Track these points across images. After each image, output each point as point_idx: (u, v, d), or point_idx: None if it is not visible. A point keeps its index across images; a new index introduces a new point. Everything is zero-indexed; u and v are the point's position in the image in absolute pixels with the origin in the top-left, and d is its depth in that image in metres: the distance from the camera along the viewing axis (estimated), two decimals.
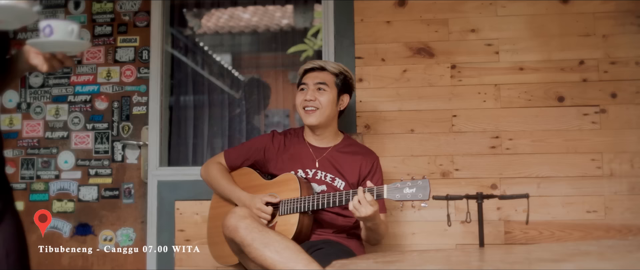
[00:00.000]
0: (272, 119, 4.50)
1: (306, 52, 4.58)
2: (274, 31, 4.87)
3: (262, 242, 1.98)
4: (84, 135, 3.28)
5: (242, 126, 3.72)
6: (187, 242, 3.06)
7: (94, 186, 3.24)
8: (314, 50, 4.59)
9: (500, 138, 2.91)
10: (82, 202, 3.24)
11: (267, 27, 4.97)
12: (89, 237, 3.21)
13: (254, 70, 4.40)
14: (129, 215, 3.21)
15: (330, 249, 2.18)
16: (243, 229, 2.03)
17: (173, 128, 3.46)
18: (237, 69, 4.42)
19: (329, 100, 2.42)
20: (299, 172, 2.41)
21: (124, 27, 3.32)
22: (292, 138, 2.53)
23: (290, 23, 5.02)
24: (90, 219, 3.22)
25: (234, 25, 5.10)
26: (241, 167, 2.55)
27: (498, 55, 2.95)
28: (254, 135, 3.69)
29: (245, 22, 5.11)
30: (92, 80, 3.31)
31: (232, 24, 5.13)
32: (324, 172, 2.41)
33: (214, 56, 4.53)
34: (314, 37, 4.70)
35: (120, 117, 3.28)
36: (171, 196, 3.11)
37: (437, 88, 2.97)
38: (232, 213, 2.11)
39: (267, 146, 2.50)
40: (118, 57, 3.31)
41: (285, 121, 4.62)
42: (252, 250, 1.99)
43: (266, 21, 5.04)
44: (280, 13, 5.07)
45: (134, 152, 3.24)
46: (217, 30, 5.05)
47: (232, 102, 3.86)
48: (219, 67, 4.47)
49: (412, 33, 3.00)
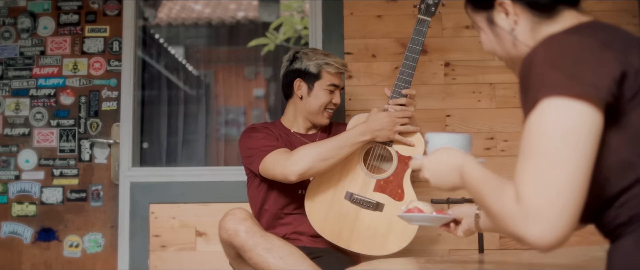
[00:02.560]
0: (226, 116, 4.33)
1: (268, 47, 4.44)
2: (230, 24, 4.68)
3: (265, 248, 1.88)
4: (48, 132, 3.03)
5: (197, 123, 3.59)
6: (163, 249, 2.86)
7: (59, 188, 2.99)
8: (275, 44, 4.45)
9: (495, 139, 2.81)
10: (45, 205, 2.98)
11: (222, 19, 4.77)
12: (53, 243, 2.95)
13: (208, 65, 4.25)
14: (97, 219, 2.97)
15: (330, 258, 2.10)
16: (244, 232, 1.90)
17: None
18: (191, 64, 4.25)
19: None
20: None
21: (93, 16, 3.08)
22: (274, 131, 2.34)
23: (247, 16, 4.84)
24: (54, 223, 2.97)
25: (186, 17, 4.90)
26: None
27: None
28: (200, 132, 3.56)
29: (197, 14, 4.90)
30: (57, 72, 3.05)
31: (185, 16, 4.93)
32: None
33: (168, 49, 4.33)
34: (276, 31, 4.55)
35: (88, 113, 3.04)
36: (145, 199, 2.89)
37: (430, 86, 2.85)
38: (231, 215, 1.96)
39: (273, 135, 2.31)
40: (86, 48, 3.06)
41: (240, 119, 4.46)
42: (254, 255, 1.88)
43: (220, 13, 4.83)
44: (235, 5, 4.88)
45: (103, 151, 3.01)
46: (170, 22, 4.84)
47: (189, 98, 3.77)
48: (173, 60, 4.29)
49: (404, 28, 2.87)
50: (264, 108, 4.55)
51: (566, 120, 0.94)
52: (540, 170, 0.94)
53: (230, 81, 4.23)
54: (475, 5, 1.25)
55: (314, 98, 2.31)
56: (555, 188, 0.92)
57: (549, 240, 0.92)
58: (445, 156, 1.22)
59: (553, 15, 1.15)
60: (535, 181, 0.94)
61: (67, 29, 3.07)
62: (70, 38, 3.07)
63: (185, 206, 2.87)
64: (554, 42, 1.03)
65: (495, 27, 1.20)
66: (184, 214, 2.87)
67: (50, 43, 3.07)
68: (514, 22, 1.17)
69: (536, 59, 1.01)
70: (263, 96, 4.58)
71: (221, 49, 4.37)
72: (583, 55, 0.99)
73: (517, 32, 1.17)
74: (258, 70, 4.47)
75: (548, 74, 0.98)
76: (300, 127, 2.41)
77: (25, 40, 3.06)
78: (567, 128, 0.94)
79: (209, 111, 3.98)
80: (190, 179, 2.92)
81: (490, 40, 1.24)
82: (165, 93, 3.72)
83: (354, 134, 2.11)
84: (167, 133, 3.67)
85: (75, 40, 3.06)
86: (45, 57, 3.06)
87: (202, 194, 2.88)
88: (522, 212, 0.94)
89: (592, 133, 0.95)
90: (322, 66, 2.30)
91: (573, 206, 0.92)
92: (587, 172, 0.94)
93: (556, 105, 0.95)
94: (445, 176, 1.20)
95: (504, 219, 0.98)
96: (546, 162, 0.94)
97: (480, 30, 1.27)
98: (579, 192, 0.93)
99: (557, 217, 0.92)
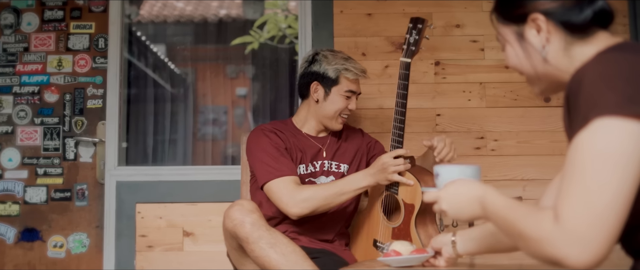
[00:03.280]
0: (207, 115, 4.29)
1: (252, 45, 4.39)
2: (212, 22, 4.63)
3: (269, 242, 1.86)
4: (31, 130, 2.97)
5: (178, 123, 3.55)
6: (150, 249, 2.81)
7: (43, 187, 2.93)
8: (259, 43, 4.41)
9: (485, 139, 2.80)
10: (28, 205, 2.92)
11: (204, 17, 4.72)
12: (37, 244, 2.89)
13: (189, 63, 4.20)
14: (82, 219, 2.92)
15: (326, 259, 2.08)
16: (249, 224, 1.88)
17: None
18: (173, 62, 4.20)
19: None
20: (309, 167, 2.27)
21: (78, 12, 3.02)
22: (285, 132, 2.30)
23: (230, 13, 4.79)
24: (38, 223, 2.91)
25: (169, 15, 4.84)
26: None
27: (483, 52, 2.84)
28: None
29: (179, 12, 4.85)
30: (41, 69, 2.99)
31: (167, 13, 4.87)
32: (330, 161, 2.31)
33: (151, 47, 4.28)
34: (260, 28, 4.51)
35: (73, 111, 2.98)
36: (132, 198, 2.84)
37: (420, 85, 2.83)
38: (239, 205, 1.94)
39: (280, 144, 2.26)
40: (71, 44, 3.00)
41: (222, 118, 4.41)
42: (257, 248, 1.86)
43: (201, 11, 4.78)
44: (218, 3, 4.83)
45: (89, 149, 2.95)
46: (152, 20, 4.78)
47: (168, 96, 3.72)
48: (155, 59, 4.24)
49: (395, 27, 2.85)
50: (246, 107, 4.50)
51: (617, 142, 0.93)
52: (585, 192, 0.94)
53: (213, 80, 4.19)
54: (505, 17, 1.21)
55: (330, 103, 2.25)
56: (598, 211, 0.92)
57: (587, 262, 0.92)
58: (464, 188, 1.22)
59: (587, 36, 1.13)
60: (579, 202, 0.94)
61: (51, 25, 3.01)
62: (54, 34, 3.01)
63: (172, 206, 2.83)
64: (605, 60, 1.01)
65: (524, 42, 1.18)
66: (171, 214, 2.83)
67: (34, 39, 3.00)
68: (546, 40, 1.14)
69: (587, 77, 0.99)
70: (246, 95, 4.53)
71: (203, 47, 4.32)
72: (636, 74, 0.97)
73: (548, 50, 1.14)
74: (241, 68, 4.43)
75: (601, 93, 0.96)
76: (311, 129, 2.35)
77: (9, 36, 3.00)
78: (617, 150, 0.93)
79: (191, 110, 3.94)
80: (177, 178, 2.87)
81: (518, 54, 1.20)
82: (146, 92, 3.68)
83: (354, 180, 2.11)
84: (146, 132, 3.63)
85: (59, 36, 3.00)
86: (29, 53, 2.99)
87: (190, 194, 2.83)
88: (562, 233, 0.94)
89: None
90: (341, 71, 2.24)
91: (613, 229, 0.93)
92: (631, 195, 0.94)
93: (609, 125, 0.94)
94: (465, 207, 1.21)
95: (540, 241, 0.97)
96: (592, 184, 0.94)
97: (506, 43, 1.22)
98: (620, 215, 0.93)
99: (597, 239, 0.92)
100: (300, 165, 2.25)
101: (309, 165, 2.27)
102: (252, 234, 1.87)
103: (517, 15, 1.18)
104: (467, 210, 1.21)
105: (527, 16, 1.16)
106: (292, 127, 2.35)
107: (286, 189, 2.08)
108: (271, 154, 2.17)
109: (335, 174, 2.30)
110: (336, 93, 2.25)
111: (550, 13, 1.13)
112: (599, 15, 1.12)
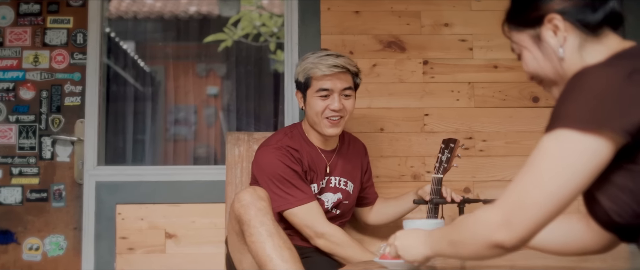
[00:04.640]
0: (177, 115, 4.21)
1: (225, 42, 4.33)
2: (183, 19, 4.53)
3: (269, 231, 1.84)
4: (6, 128, 2.86)
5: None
6: (131, 251, 2.72)
7: (18, 187, 2.83)
8: (233, 40, 4.35)
9: (473, 139, 2.77)
10: (3, 206, 2.81)
11: (174, 14, 4.62)
12: (11, 246, 2.79)
13: (159, 60, 4.12)
14: (59, 220, 2.82)
15: (318, 259, 2.08)
16: (256, 209, 1.87)
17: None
18: (142, 59, 4.11)
19: (353, 105, 2.22)
20: (320, 184, 2.24)
21: (56, 6, 2.92)
22: (300, 144, 2.22)
23: (200, 10, 4.70)
24: (12, 225, 2.81)
25: (138, 10, 4.72)
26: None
27: (472, 52, 2.81)
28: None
29: (149, 8, 4.74)
30: (17, 65, 2.88)
31: (136, 9, 4.75)
32: (336, 177, 2.27)
33: (119, 43, 4.18)
34: (234, 26, 4.45)
35: (50, 109, 2.88)
36: (112, 199, 2.75)
37: (408, 85, 2.79)
38: (252, 190, 1.92)
39: (298, 168, 2.16)
40: (48, 40, 2.90)
41: (192, 118, 4.33)
42: (255, 233, 1.84)
43: (171, 7, 4.68)
44: (190, 1, 4.73)
45: (66, 148, 2.86)
46: (121, 15, 4.66)
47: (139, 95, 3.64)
48: (124, 56, 4.14)
49: (383, 25, 2.81)
50: (217, 106, 4.41)
51: (569, 152, 1.00)
52: (526, 184, 1.03)
53: (182, 78, 4.11)
54: (520, 23, 1.21)
55: (309, 108, 2.17)
56: (528, 203, 1.02)
57: (508, 241, 1.04)
58: (415, 232, 1.36)
59: (599, 34, 1.15)
60: (517, 190, 1.04)
61: (27, 20, 2.90)
62: (30, 29, 2.90)
63: (154, 207, 2.75)
64: (584, 75, 1.05)
65: (542, 45, 1.18)
66: (152, 215, 2.74)
67: (9, 34, 2.89)
68: (563, 39, 1.15)
69: (566, 88, 1.05)
70: (217, 94, 4.44)
71: (173, 44, 4.23)
72: (610, 93, 1.00)
73: (565, 49, 1.16)
74: (211, 67, 4.35)
75: (568, 105, 1.03)
76: (315, 139, 2.26)
77: None
78: (566, 158, 1.00)
79: (159, 109, 3.87)
80: (159, 179, 2.79)
81: (537, 58, 1.20)
82: (115, 89, 3.59)
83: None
84: (116, 131, 3.55)
85: (36, 31, 2.90)
86: (4, 49, 2.88)
87: (173, 194, 2.76)
88: (496, 209, 1.06)
89: (594, 165, 1.00)
90: (309, 72, 2.15)
91: (535, 224, 1.03)
92: (565, 203, 1.02)
93: (567, 136, 1.00)
94: (412, 246, 1.32)
95: (476, 231, 1.09)
96: (534, 180, 1.03)
97: (523, 50, 1.23)
98: (548, 215, 1.02)
99: (519, 226, 1.03)
100: (319, 181, 2.22)
101: (319, 184, 2.23)
102: (257, 218, 1.85)
103: (533, 18, 1.18)
104: (414, 249, 1.31)
105: (543, 18, 1.17)
106: (302, 138, 2.26)
107: (313, 214, 2.11)
108: (291, 182, 2.11)
109: (343, 191, 2.27)
110: (311, 96, 2.16)
111: (565, 12, 1.15)
112: (610, 15, 1.15)
